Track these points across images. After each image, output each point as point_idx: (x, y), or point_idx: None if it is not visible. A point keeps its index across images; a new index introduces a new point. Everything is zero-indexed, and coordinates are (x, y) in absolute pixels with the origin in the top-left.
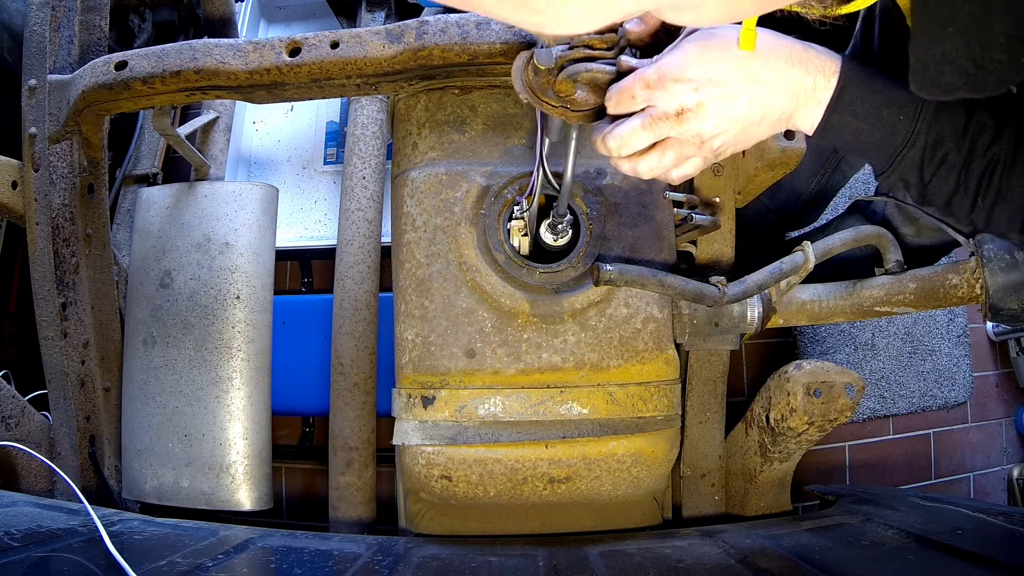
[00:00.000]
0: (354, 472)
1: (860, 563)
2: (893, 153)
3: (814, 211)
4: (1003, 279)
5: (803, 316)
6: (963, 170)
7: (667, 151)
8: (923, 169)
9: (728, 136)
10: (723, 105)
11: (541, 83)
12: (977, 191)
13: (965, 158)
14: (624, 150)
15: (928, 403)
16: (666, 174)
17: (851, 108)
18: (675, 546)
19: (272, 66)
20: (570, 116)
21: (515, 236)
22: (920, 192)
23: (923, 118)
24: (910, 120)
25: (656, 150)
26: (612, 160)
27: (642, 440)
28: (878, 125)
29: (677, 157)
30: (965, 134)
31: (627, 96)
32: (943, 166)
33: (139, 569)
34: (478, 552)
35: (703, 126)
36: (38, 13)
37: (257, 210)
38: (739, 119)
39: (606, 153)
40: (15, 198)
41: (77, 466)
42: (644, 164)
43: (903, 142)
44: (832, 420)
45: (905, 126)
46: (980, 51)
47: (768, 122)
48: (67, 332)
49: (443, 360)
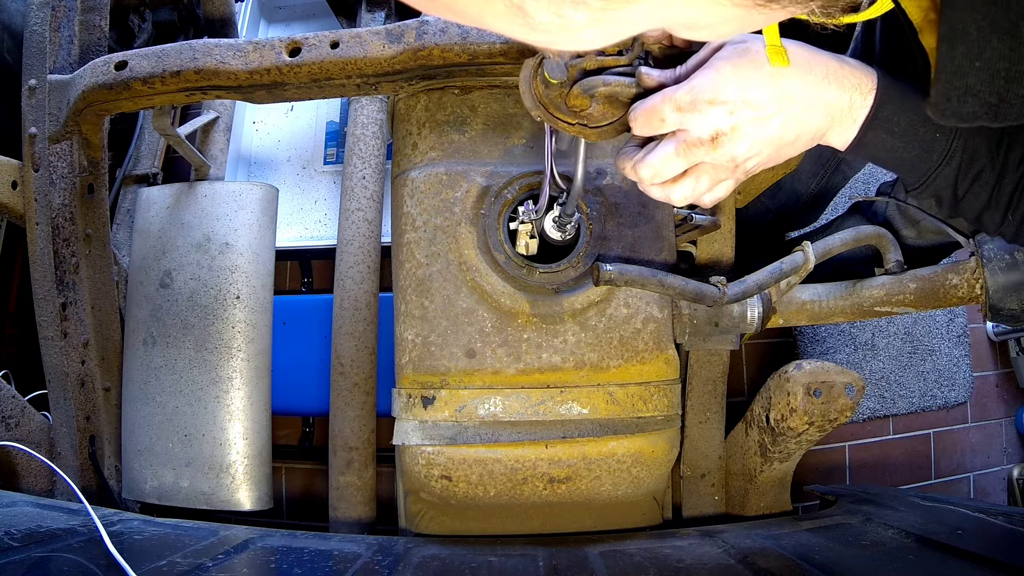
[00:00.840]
0: (354, 472)
1: (860, 563)
2: (928, 170)
3: (814, 211)
4: (1003, 279)
5: (803, 316)
6: (996, 185)
7: (702, 176)
8: (957, 185)
9: (762, 157)
10: (758, 127)
11: (553, 97)
12: (1008, 206)
13: (999, 174)
14: (657, 179)
15: (928, 403)
16: (699, 199)
17: (887, 126)
18: (675, 546)
19: (272, 66)
20: (588, 134)
21: (522, 238)
22: (951, 207)
23: (960, 135)
24: (947, 138)
25: (690, 176)
26: (640, 187)
27: (642, 440)
28: (914, 143)
29: (712, 181)
30: (999, 150)
31: (656, 118)
32: (977, 182)
33: (139, 569)
34: (478, 552)
35: (738, 149)
36: (38, 13)
37: (257, 210)
38: (773, 140)
39: (634, 179)
40: (15, 198)
41: (77, 466)
42: (678, 192)
43: (939, 160)
44: (832, 420)
45: (941, 144)
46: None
47: (803, 141)
48: (67, 332)
49: (443, 360)
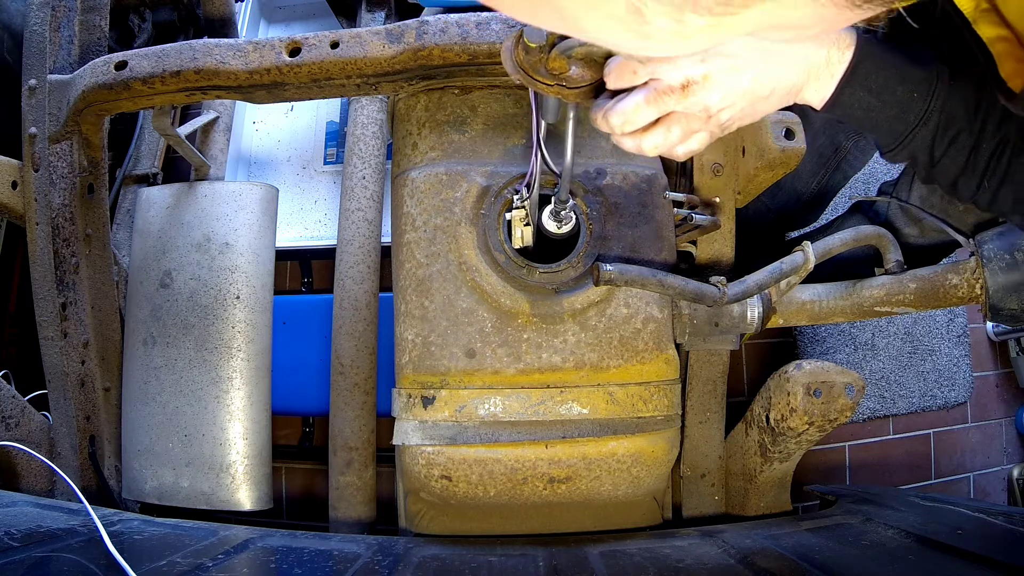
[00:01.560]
0: (354, 472)
1: (860, 563)
2: (904, 131)
3: (814, 211)
4: (1003, 279)
5: (803, 316)
6: (973, 150)
7: (673, 126)
8: (934, 148)
9: (735, 109)
10: (731, 77)
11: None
12: (985, 171)
13: (976, 138)
14: (628, 127)
15: (928, 403)
16: (671, 150)
17: (864, 83)
18: (675, 546)
19: (272, 66)
20: (566, 94)
21: (517, 226)
22: (927, 171)
23: (937, 96)
24: (924, 98)
25: (661, 125)
26: (614, 137)
27: (642, 440)
28: (891, 102)
29: (683, 132)
30: (976, 114)
31: (628, 70)
32: (953, 145)
33: (139, 569)
34: (478, 552)
35: (710, 99)
36: (38, 13)
37: (257, 210)
38: (747, 91)
39: (607, 131)
40: (15, 198)
41: (77, 466)
42: (649, 140)
43: (916, 120)
44: (832, 420)
45: (919, 104)
46: None
47: (777, 95)
48: (67, 332)
49: (443, 360)
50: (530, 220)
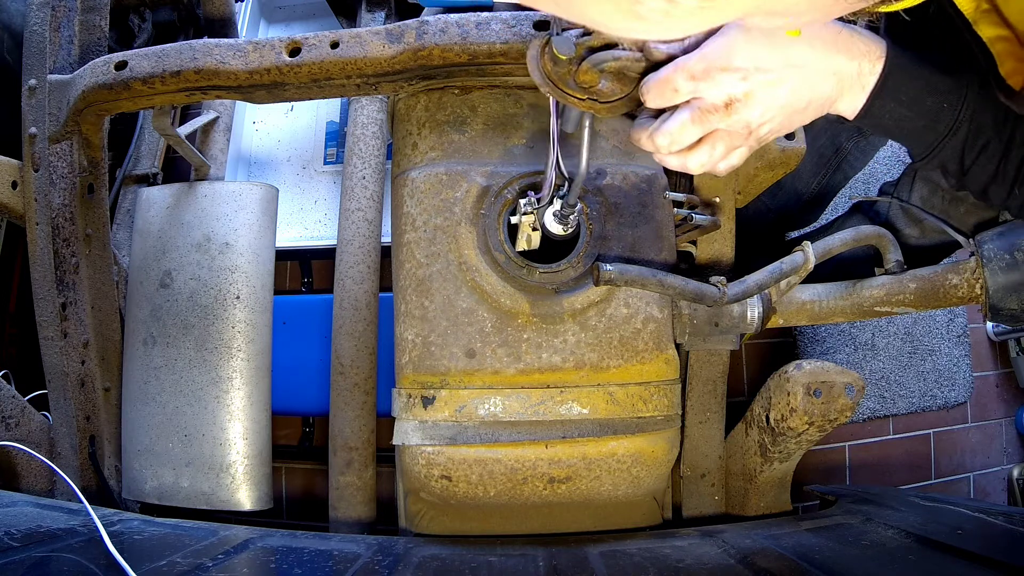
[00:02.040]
0: (354, 472)
1: (860, 563)
2: (934, 140)
3: (814, 211)
4: (1003, 279)
5: (803, 316)
6: (1003, 158)
7: (717, 143)
8: (964, 157)
9: (775, 123)
10: (769, 92)
11: (561, 74)
12: (1015, 179)
13: (1005, 146)
14: (674, 146)
15: (928, 403)
16: (715, 167)
17: (895, 95)
18: (675, 546)
19: (272, 66)
20: (598, 109)
21: (524, 231)
22: (958, 179)
23: (967, 106)
24: (954, 108)
25: (706, 143)
26: (657, 156)
27: (642, 440)
28: (921, 112)
29: (727, 149)
30: (1006, 122)
31: (669, 88)
32: (983, 154)
33: (139, 569)
34: (478, 552)
35: (752, 115)
36: (38, 13)
37: (257, 210)
38: (785, 105)
39: (651, 150)
40: (15, 198)
41: (77, 466)
42: (695, 159)
43: (946, 130)
44: (832, 420)
45: (948, 114)
46: None
47: (813, 107)
48: (67, 332)
49: (443, 360)
50: (537, 225)
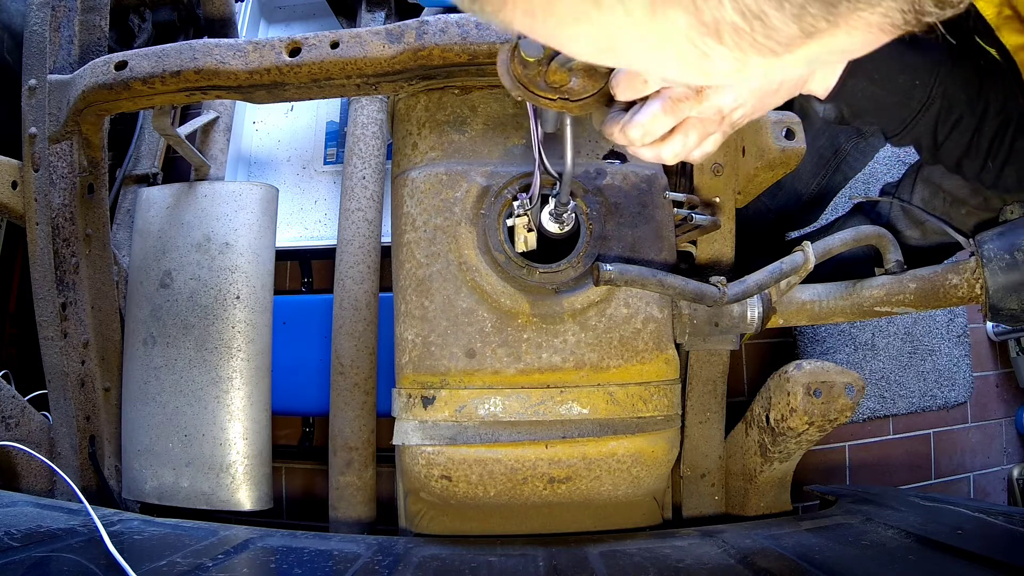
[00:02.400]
0: (354, 472)
1: (860, 563)
2: (908, 117)
3: (814, 211)
4: (1003, 279)
5: (803, 316)
6: (976, 132)
7: (690, 131)
8: (937, 132)
9: (747, 107)
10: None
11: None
12: (988, 152)
13: (979, 120)
14: (647, 138)
15: (928, 403)
16: (689, 155)
17: (867, 72)
18: (675, 546)
19: (272, 66)
20: (570, 108)
21: (520, 232)
22: (932, 153)
23: (938, 82)
24: (925, 84)
25: (679, 132)
26: (631, 149)
27: (642, 440)
28: (894, 90)
29: (700, 136)
30: (979, 97)
31: (639, 80)
32: (956, 129)
33: (139, 569)
34: (478, 552)
35: (723, 100)
36: (38, 13)
37: (257, 210)
38: (757, 88)
39: (625, 143)
40: (15, 198)
41: (77, 466)
42: (668, 149)
43: (918, 106)
44: (832, 420)
45: (920, 91)
46: None
47: (785, 88)
48: (67, 332)
49: (443, 360)
50: (532, 226)
